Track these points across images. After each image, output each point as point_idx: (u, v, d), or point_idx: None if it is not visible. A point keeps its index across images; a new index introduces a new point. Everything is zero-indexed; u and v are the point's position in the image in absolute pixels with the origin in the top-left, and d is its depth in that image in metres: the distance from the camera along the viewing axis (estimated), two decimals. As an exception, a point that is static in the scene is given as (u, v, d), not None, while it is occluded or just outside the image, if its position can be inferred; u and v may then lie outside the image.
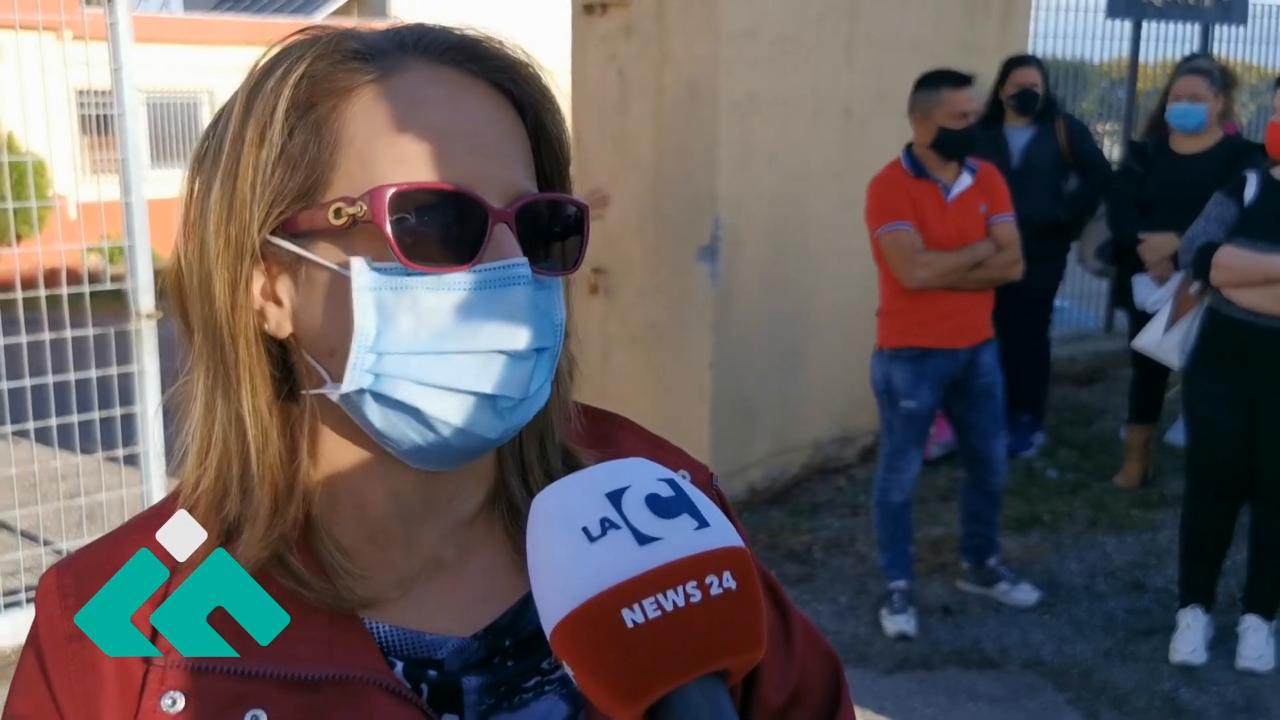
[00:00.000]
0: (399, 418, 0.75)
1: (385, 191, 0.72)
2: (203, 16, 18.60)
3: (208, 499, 0.79)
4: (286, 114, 0.74)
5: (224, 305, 0.76)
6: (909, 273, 4.06)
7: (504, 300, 0.74)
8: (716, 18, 5.05)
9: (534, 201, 0.77)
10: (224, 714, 0.75)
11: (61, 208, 6.60)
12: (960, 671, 4.08)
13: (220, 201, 0.75)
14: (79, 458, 4.51)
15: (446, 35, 0.78)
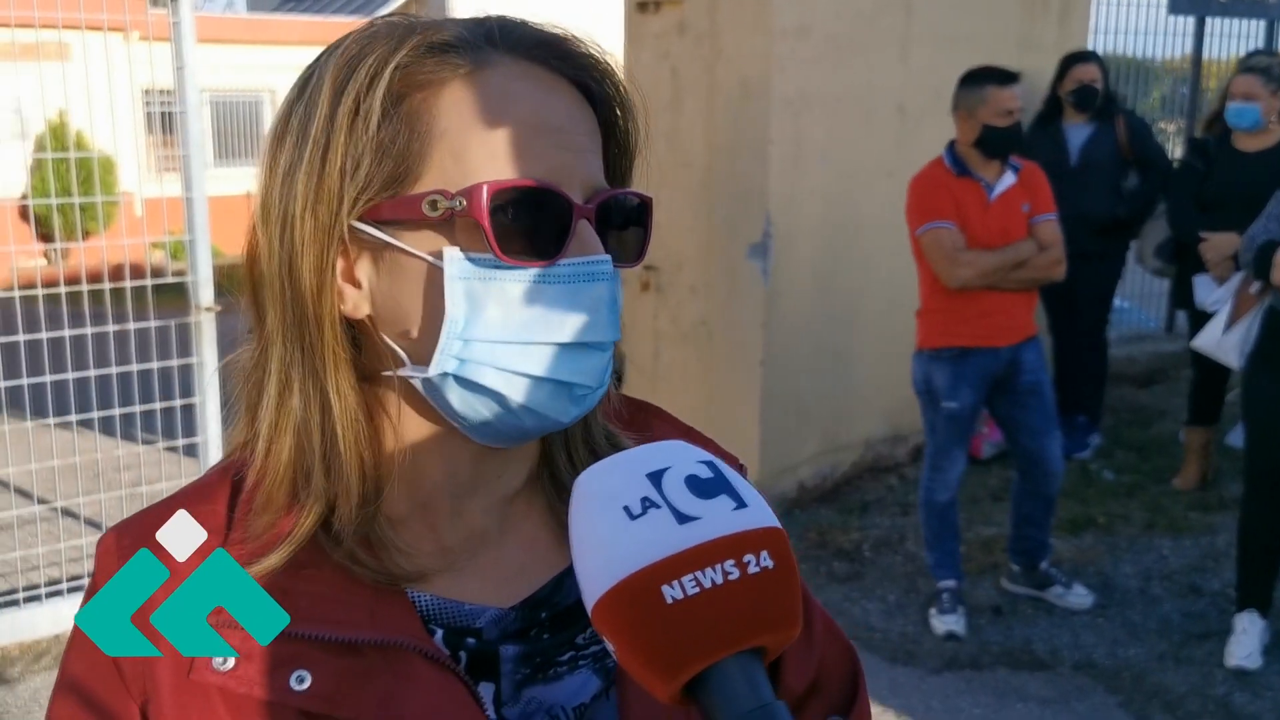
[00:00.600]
0: (479, 400, 0.78)
1: (484, 187, 0.75)
2: (265, 17, 18.88)
3: (281, 475, 0.81)
4: (381, 103, 0.76)
5: (310, 287, 0.78)
6: (950, 272, 4.03)
7: (587, 294, 0.77)
8: (769, 15, 5.04)
9: (609, 196, 0.80)
10: (272, 673, 0.77)
11: (127, 204, 6.75)
12: (1010, 672, 4.05)
13: (308, 185, 0.77)
14: (140, 447, 4.62)
15: (533, 32, 0.81)
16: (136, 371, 4.40)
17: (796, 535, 5.19)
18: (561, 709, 0.84)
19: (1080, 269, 5.55)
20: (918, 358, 4.24)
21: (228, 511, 0.82)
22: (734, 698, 0.59)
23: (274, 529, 0.80)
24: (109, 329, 4.35)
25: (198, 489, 0.86)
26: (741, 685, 0.60)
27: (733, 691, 0.60)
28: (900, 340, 5.61)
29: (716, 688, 0.60)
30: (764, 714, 0.59)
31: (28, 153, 9.87)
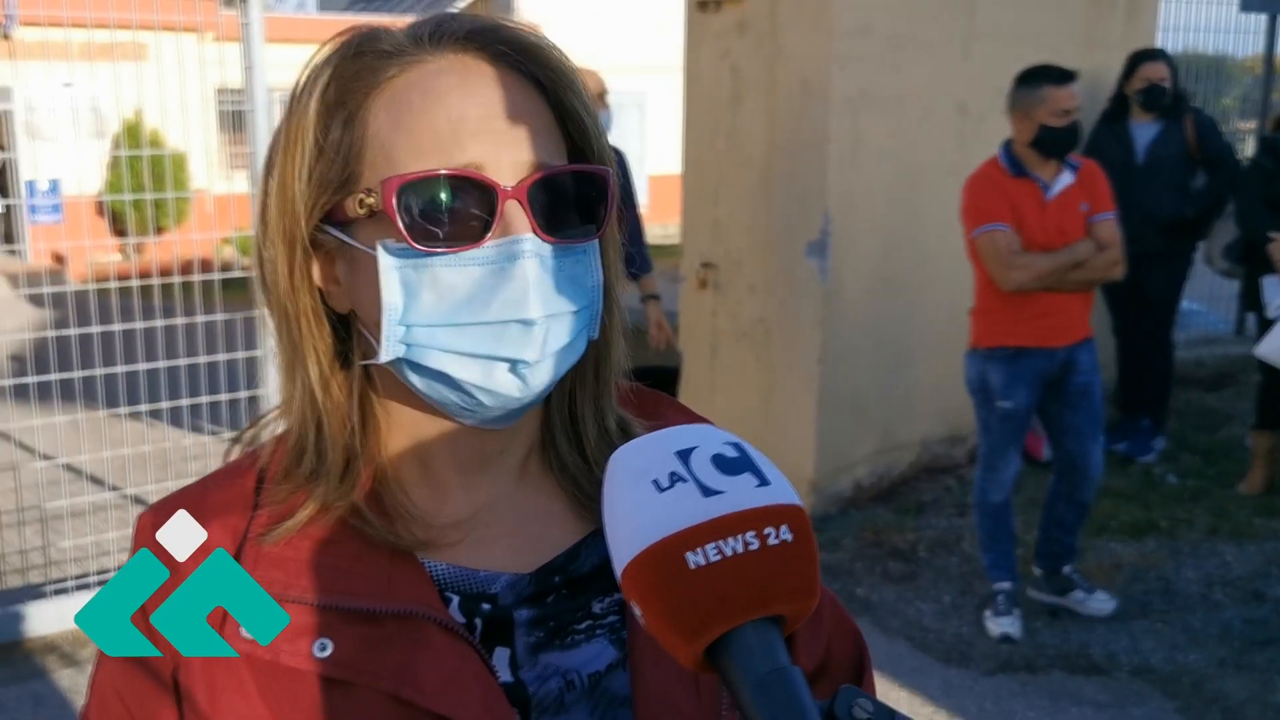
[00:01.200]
0: (434, 382, 0.83)
1: (392, 182, 0.80)
2: (335, 16, 19.16)
3: (288, 458, 0.88)
4: (319, 114, 0.82)
5: (286, 288, 0.85)
6: (1005, 276, 3.98)
7: (511, 272, 0.80)
8: (830, 14, 5.04)
9: (550, 175, 0.82)
10: (296, 641, 0.82)
11: (199, 200, 6.91)
12: (1065, 676, 4.01)
13: (276, 197, 0.84)
14: (207, 437, 4.74)
15: (462, 23, 0.85)
16: (204, 364, 4.52)
17: (852, 534, 5.18)
18: (576, 674, 0.87)
19: (1147, 269, 5.48)
20: (971, 356, 4.21)
21: (255, 487, 0.88)
22: (752, 661, 0.62)
23: (292, 498, 0.86)
24: (178, 322, 4.47)
25: (227, 469, 0.92)
26: (759, 650, 0.63)
27: (751, 655, 0.63)
28: (959, 340, 5.57)
29: (736, 651, 0.63)
30: (780, 676, 0.62)
31: (105, 150, 10.14)
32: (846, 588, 4.70)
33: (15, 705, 3.81)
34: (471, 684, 0.82)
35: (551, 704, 0.86)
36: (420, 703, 0.81)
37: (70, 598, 4.31)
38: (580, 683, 0.87)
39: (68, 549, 4.68)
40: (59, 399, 4.32)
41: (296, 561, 0.84)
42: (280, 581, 0.83)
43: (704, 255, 5.75)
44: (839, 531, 5.22)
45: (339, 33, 0.86)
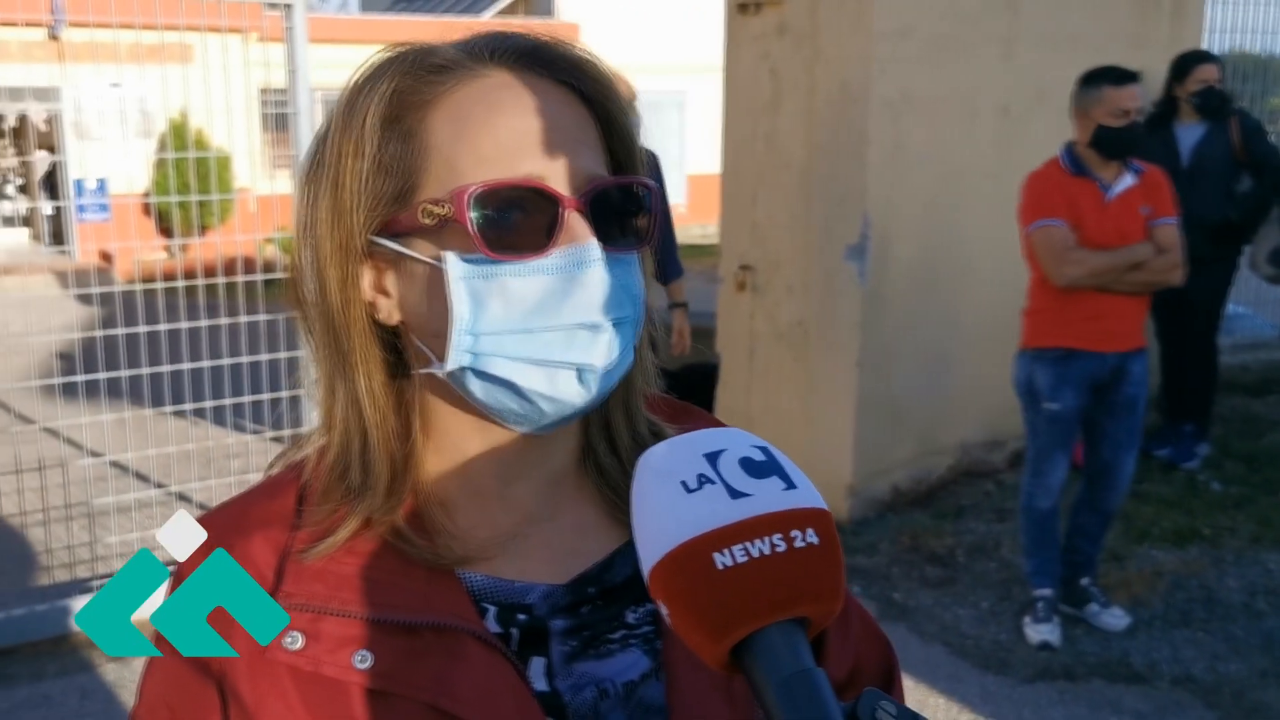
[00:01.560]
0: (497, 390, 0.84)
1: (466, 192, 0.81)
2: (377, 17, 19.31)
3: (332, 471, 0.89)
4: (377, 127, 0.83)
5: (336, 300, 0.86)
6: (1058, 270, 3.96)
7: (580, 279, 0.82)
8: (870, 16, 5.02)
9: (604, 186, 0.85)
10: (336, 652, 0.84)
11: (242, 200, 6.99)
12: (1105, 684, 3.98)
13: (328, 209, 0.85)
14: (249, 436, 4.80)
15: (515, 41, 0.87)
16: (246, 363, 4.57)
17: (889, 539, 5.16)
18: (610, 683, 0.88)
19: (1191, 273, 5.40)
20: (1021, 357, 4.17)
21: (296, 503, 0.90)
22: (777, 661, 0.63)
23: (332, 517, 0.87)
24: (222, 322, 4.53)
25: (269, 484, 0.93)
26: (784, 650, 0.64)
27: (776, 656, 0.64)
28: (1000, 344, 5.54)
29: (761, 652, 0.64)
30: (805, 678, 0.63)
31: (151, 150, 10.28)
32: (883, 592, 4.69)
33: (61, 699, 3.88)
34: (506, 695, 0.84)
35: (586, 713, 0.88)
36: (456, 712, 0.83)
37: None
38: (614, 692, 0.88)
39: (114, 544, 4.75)
40: (106, 397, 4.39)
41: (337, 575, 0.85)
42: (321, 595, 0.85)
43: (742, 257, 5.74)
44: (876, 535, 5.20)
45: (388, 46, 0.88)
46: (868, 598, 4.62)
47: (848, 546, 5.11)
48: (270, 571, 0.86)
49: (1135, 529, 5.14)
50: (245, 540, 0.88)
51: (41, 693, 3.89)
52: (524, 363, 0.82)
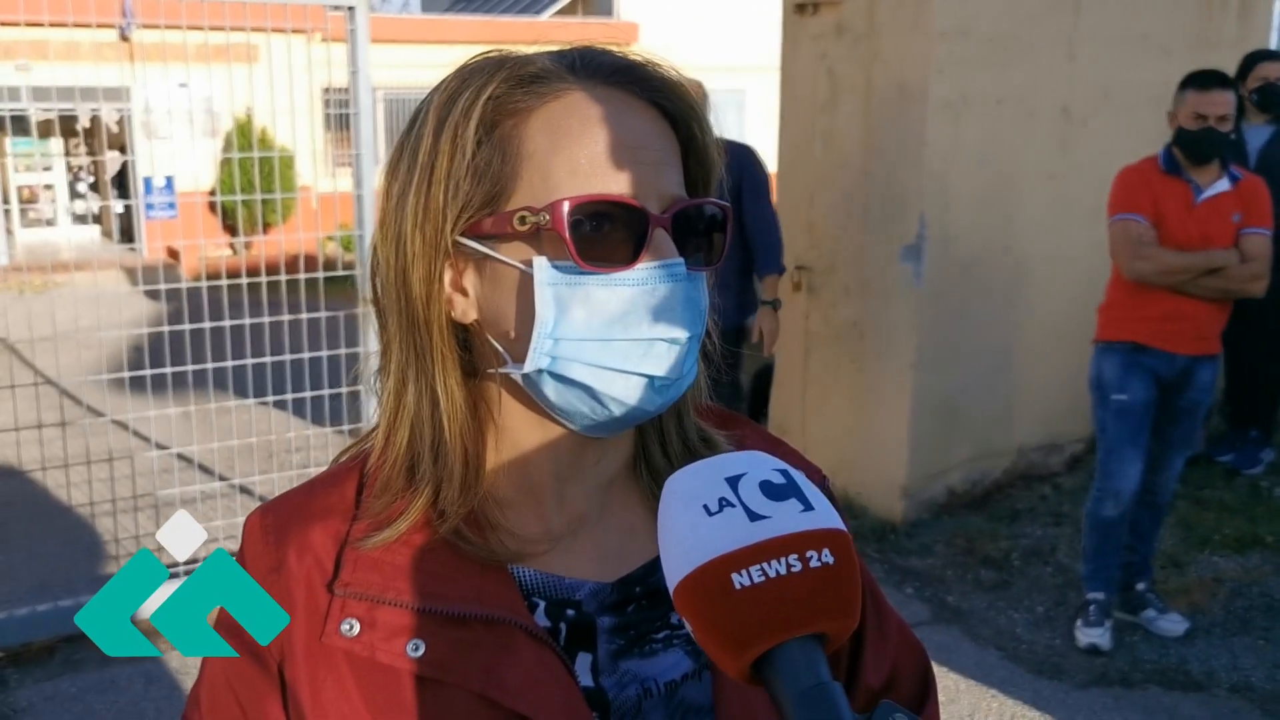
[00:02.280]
0: (572, 393, 0.87)
1: (564, 203, 0.84)
2: (438, 17, 19.49)
3: (398, 463, 0.92)
4: (473, 132, 0.86)
5: (420, 295, 0.88)
6: (1129, 263, 3.96)
7: (663, 295, 0.85)
8: (929, 16, 4.99)
9: (686, 206, 0.88)
10: (391, 641, 0.87)
11: (304, 198, 7.11)
12: (1161, 691, 3.94)
13: (417, 206, 0.87)
14: (310, 430, 4.89)
15: (610, 59, 0.90)
16: (308, 359, 4.65)
17: (944, 541, 5.14)
18: (654, 682, 0.91)
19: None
20: (1094, 352, 4.17)
21: (355, 495, 0.93)
22: (795, 676, 0.66)
23: (390, 509, 0.90)
24: (284, 318, 4.61)
25: (330, 475, 0.97)
26: (802, 665, 0.66)
27: (794, 670, 0.66)
28: (1059, 346, 5.49)
29: (780, 666, 0.66)
30: (821, 691, 0.65)
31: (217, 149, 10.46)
32: (937, 595, 4.67)
33: (127, 684, 3.99)
34: (553, 687, 0.87)
35: (629, 710, 0.90)
36: (504, 703, 0.86)
37: (181, 582, 4.46)
38: (657, 690, 0.91)
39: (178, 535, 4.85)
40: (172, 390, 4.49)
41: (393, 566, 0.89)
42: (377, 585, 0.88)
43: (798, 258, 5.74)
44: (931, 538, 5.18)
45: (479, 55, 0.90)
46: (921, 600, 4.60)
47: (901, 548, 5.10)
48: (329, 560, 0.90)
49: (1196, 535, 5.07)
50: (306, 529, 0.92)
51: (108, 678, 4.00)
52: (601, 369, 0.85)
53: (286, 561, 0.91)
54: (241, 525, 0.97)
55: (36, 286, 6.80)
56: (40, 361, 5.71)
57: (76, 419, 5.05)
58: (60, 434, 4.75)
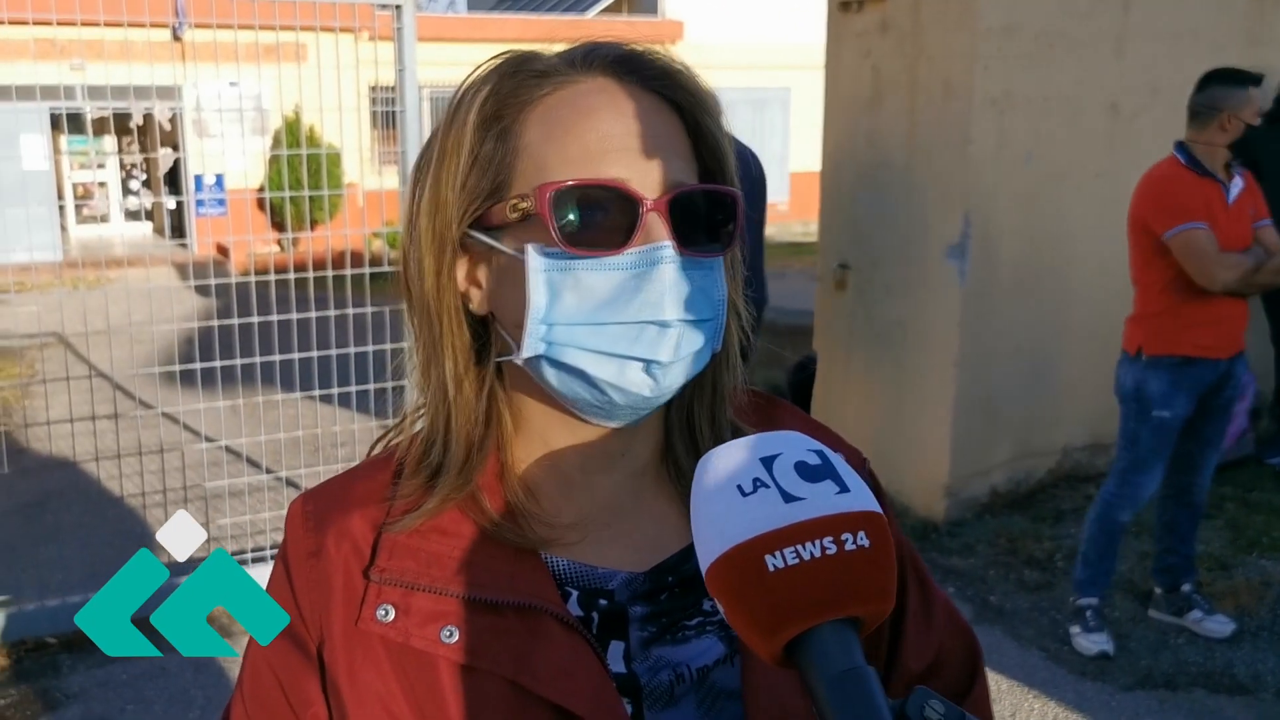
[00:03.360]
0: (570, 379, 0.88)
1: (548, 189, 0.86)
2: (484, 15, 19.59)
3: (419, 449, 0.95)
4: (476, 127, 0.89)
5: (431, 287, 0.91)
6: (1216, 274, 3.80)
7: (652, 278, 0.85)
8: (975, 13, 4.96)
9: (688, 192, 0.88)
10: (425, 626, 0.89)
11: (351, 195, 7.18)
12: (1207, 694, 3.89)
13: (428, 202, 0.90)
14: (355, 424, 4.94)
15: (611, 50, 0.91)
16: (354, 354, 4.71)
17: (986, 541, 5.11)
18: (686, 667, 0.92)
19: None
20: (1132, 363, 4.03)
21: (391, 481, 0.96)
22: (828, 659, 0.65)
23: (419, 491, 0.93)
24: (330, 314, 4.67)
25: (368, 464, 1.00)
26: (835, 649, 0.66)
27: (827, 654, 0.66)
28: (1105, 346, 5.42)
29: (813, 650, 0.66)
30: (855, 675, 0.65)
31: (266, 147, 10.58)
32: (979, 594, 4.64)
33: (178, 671, 4.06)
34: (583, 675, 0.88)
35: (662, 695, 0.91)
36: (535, 689, 0.87)
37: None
38: (689, 676, 0.92)
39: (226, 526, 4.94)
40: (221, 384, 4.56)
41: (428, 553, 0.91)
42: (413, 571, 0.90)
43: (841, 256, 5.73)
44: (973, 537, 5.15)
45: (495, 56, 0.93)
46: (963, 600, 4.58)
47: (943, 547, 5.07)
48: (366, 546, 0.92)
49: (1244, 538, 5.01)
50: (345, 516, 0.94)
51: (159, 665, 4.07)
52: (594, 353, 0.86)
53: (325, 547, 0.93)
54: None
55: (90, 282, 6.93)
56: (94, 355, 5.82)
57: (128, 412, 5.14)
58: (113, 426, 4.84)
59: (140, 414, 4.73)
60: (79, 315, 4.91)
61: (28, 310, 6.55)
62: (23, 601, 4.33)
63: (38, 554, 4.78)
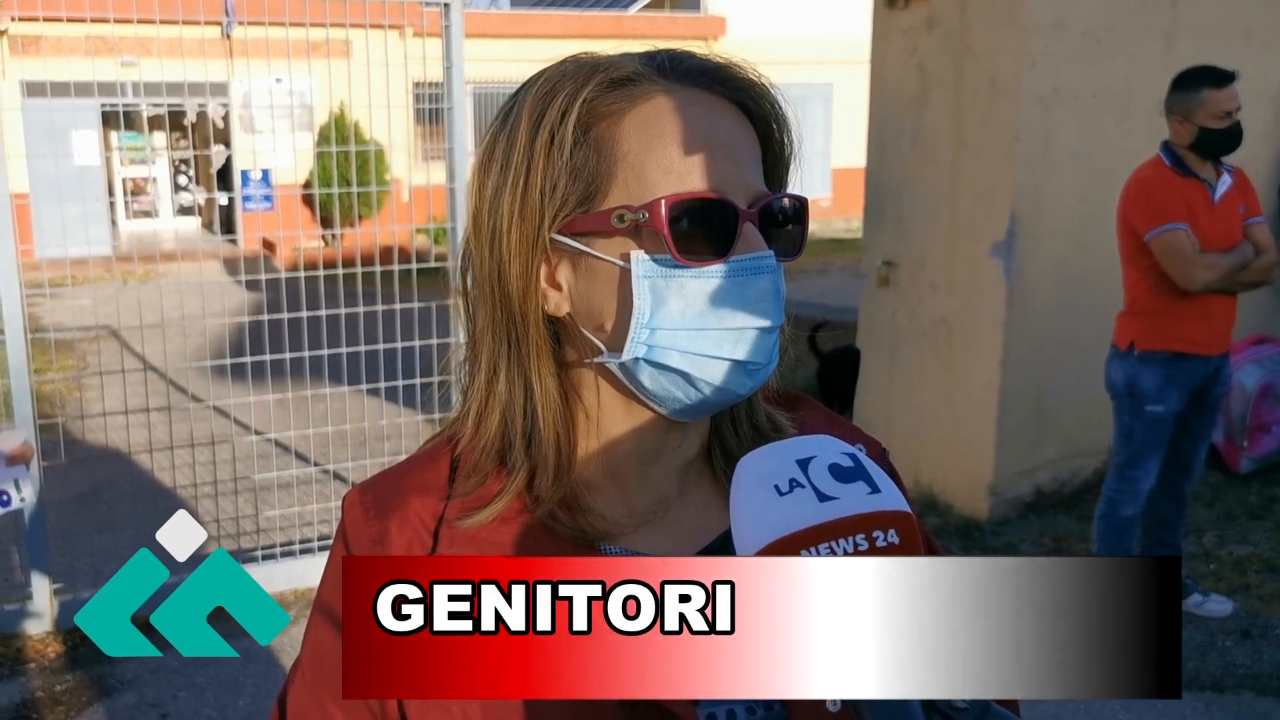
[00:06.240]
0: (668, 379, 0.91)
1: (663, 202, 0.88)
2: (527, 12, 19.65)
3: (489, 448, 0.96)
4: (569, 134, 0.90)
5: (517, 290, 0.92)
6: (1193, 274, 3.89)
7: (754, 286, 0.90)
8: (1022, 10, 4.93)
9: (770, 200, 0.92)
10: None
11: (395, 191, 7.25)
12: (1254, 697, 3.86)
13: (513, 204, 0.91)
14: (401, 418, 5.00)
15: (698, 62, 0.94)
16: (400, 348, 4.76)
17: (1031, 540, 5.08)
18: None
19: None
20: (1123, 359, 4.10)
21: (449, 475, 0.98)
22: None
23: (483, 489, 0.95)
24: (377, 309, 4.73)
25: (426, 454, 1.02)
26: None
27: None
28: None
29: None
30: None
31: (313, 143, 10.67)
32: (1023, 594, 4.61)
33: (226, 660, 4.13)
34: None
35: None
36: None
37: (278, 563, 4.63)
38: None
39: (274, 518, 5.01)
40: (270, 378, 4.63)
41: (488, 543, 0.93)
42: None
43: (886, 253, 5.71)
44: (1017, 536, 5.12)
45: (568, 58, 0.95)
46: (1006, 599, 4.55)
47: (987, 546, 5.05)
48: (428, 534, 0.95)
49: (1291, 539, 4.95)
50: (405, 503, 0.96)
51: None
52: (697, 356, 0.90)
53: (389, 533, 0.95)
54: (335, 509, 1.02)
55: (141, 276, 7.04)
56: (146, 348, 5.92)
57: (179, 404, 5.23)
58: (165, 418, 4.93)
59: (191, 406, 4.81)
60: (131, 309, 5.00)
61: (81, 304, 6.67)
62: (78, 590, 4.42)
63: (91, 543, 4.88)
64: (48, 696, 3.96)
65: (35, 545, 4.33)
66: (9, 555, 4.82)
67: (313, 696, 1.01)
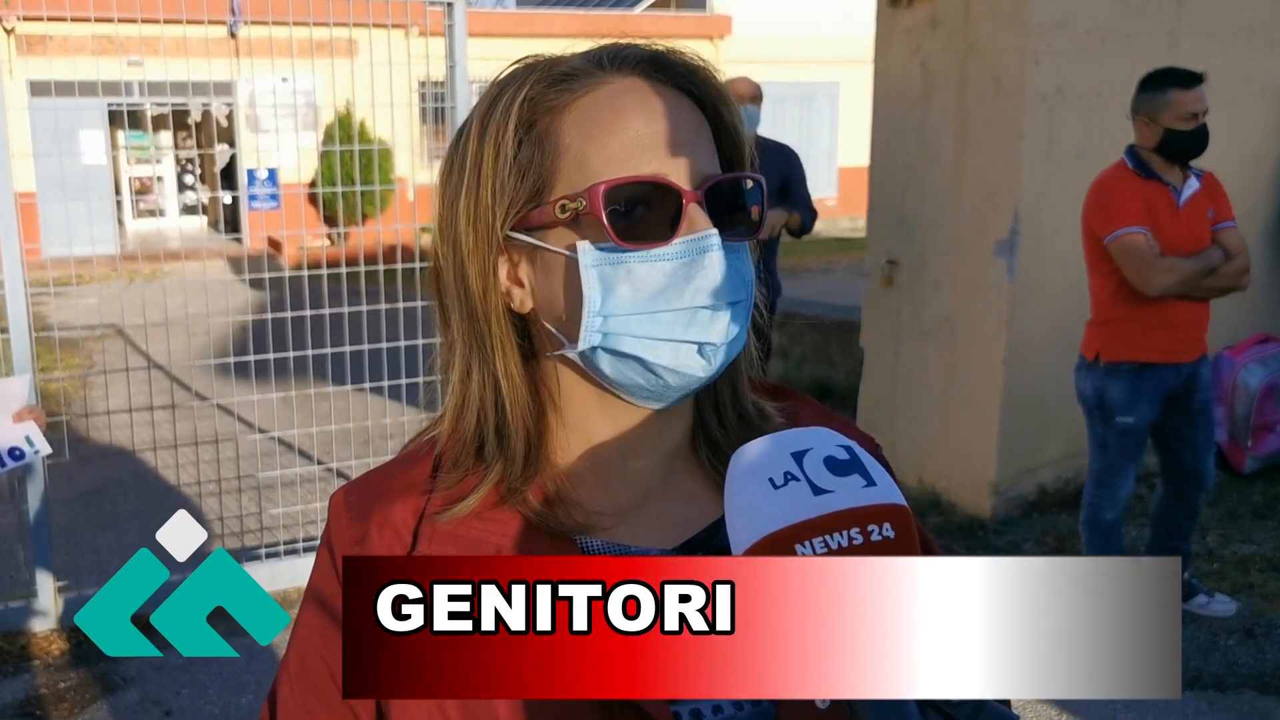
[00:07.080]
0: (626, 366, 0.92)
1: (599, 188, 0.89)
2: (532, 11, 19.66)
3: (466, 445, 0.98)
4: (513, 133, 0.92)
5: (477, 289, 0.94)
6: (1148, 279, 3.82)
7: (700, 265, 0.90)
8: (1026, 8, 4.93)
9: (719, 181, 0.92)
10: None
11: (400, 190, 7.25)
12: (1257, 696, 3.86)
13: (468, 206, 0.93)
14: (405, 416, 5.01)
15: (634, 51, 0.95)
16: (404, 347, 4.77)
17: (1034, 539, 5.08)
18: None
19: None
20: (1090, 370, 4.05)
21: (431, 473, 0.99)
22: None
23: (462, 484, 0.96)
24: (381, 308, 4.73)
25: (407, 456, 1.03)
26: None
27: None
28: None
29: None
30: None
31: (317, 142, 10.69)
32: (1026, 593, 4.62)
33: (231, 657, 4.14)
34: None
35: None
36: None
37: (282, 561, 4.64)
38: None
39: (278, 515, 5.02)
40: (275, 377, 4.63)
41: (467, 539, 0.94)
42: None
43: (889, 252, 5.71)
44: (1020, 535, 5.12)
45: (517, 60, 0.97)
46: (1009, 598, 4.56)
47: (990, 545, 5.05)
48: (408, 533, 0.96)
49: (1298, 539, 4.95)
50: (386, 505, 0.98)
51: (212, 651, 4.15)
52: (650, 340, 0.90)
53: (369, 535, 0.97)
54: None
55: (147, 274, 7.05)
56: (151, 347, 5.93)
57: (184, 403, 5.24)
58: (169, 416, 4.94)
59: (196, 405, 4.82)
60: (136, 307, 5.01)
61: (86, 302, 6.69)
62: (82, 587, 4.43)
63: (96, 540, 4.90)
64: (52, 693, 3.98)
65: (40, 542, 4.34)
66: (14, 552, 4.83)
67: (295, 696, 1.02)
